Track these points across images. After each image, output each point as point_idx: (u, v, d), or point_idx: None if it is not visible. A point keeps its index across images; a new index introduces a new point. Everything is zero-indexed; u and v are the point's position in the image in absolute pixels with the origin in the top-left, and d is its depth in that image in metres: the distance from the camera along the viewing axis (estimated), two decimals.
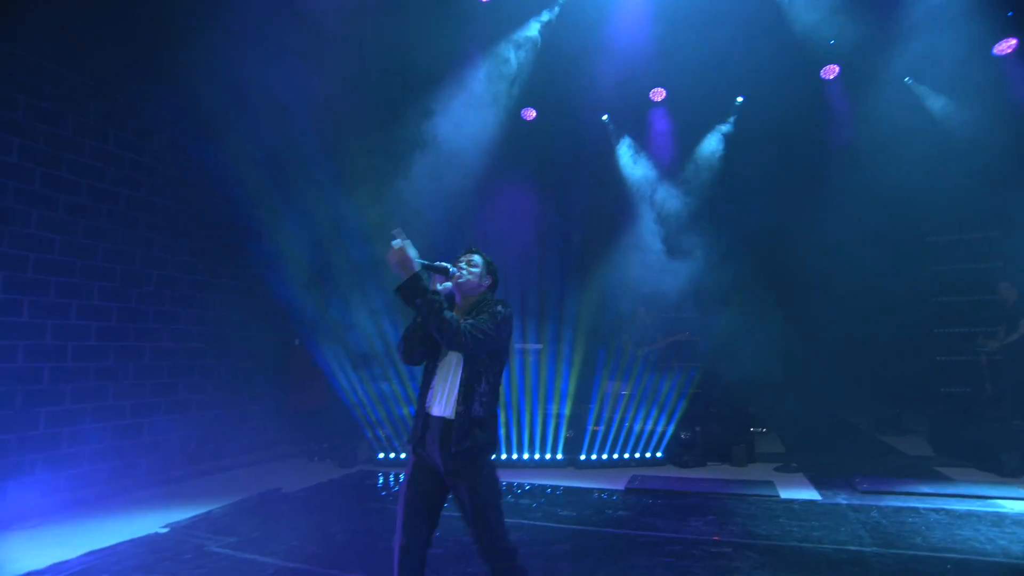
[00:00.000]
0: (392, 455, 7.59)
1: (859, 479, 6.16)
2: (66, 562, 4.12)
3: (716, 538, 4.56)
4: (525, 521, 5.21)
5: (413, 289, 2.57)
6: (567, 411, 7.93)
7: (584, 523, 5.14)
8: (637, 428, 7.76)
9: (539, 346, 8.72)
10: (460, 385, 2.65)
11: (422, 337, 2.73)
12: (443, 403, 2.68)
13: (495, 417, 2.75)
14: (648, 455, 7.61)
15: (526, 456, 7.65)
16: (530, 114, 9.26)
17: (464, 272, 2.82)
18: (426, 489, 2.70)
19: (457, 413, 2.62)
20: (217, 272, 7.67)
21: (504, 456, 7.61)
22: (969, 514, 5.09)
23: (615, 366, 8.29)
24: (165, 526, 4.87)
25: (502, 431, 7.68)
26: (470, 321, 2.62)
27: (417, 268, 2.61)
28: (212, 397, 7.56)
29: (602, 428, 7.75)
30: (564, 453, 7.66)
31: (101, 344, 6.21)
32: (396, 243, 2.60)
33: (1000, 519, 4.96)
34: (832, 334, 9.78)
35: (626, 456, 7.60)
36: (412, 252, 2.61)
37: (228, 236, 7.60)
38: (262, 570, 4.02)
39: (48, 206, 5.76)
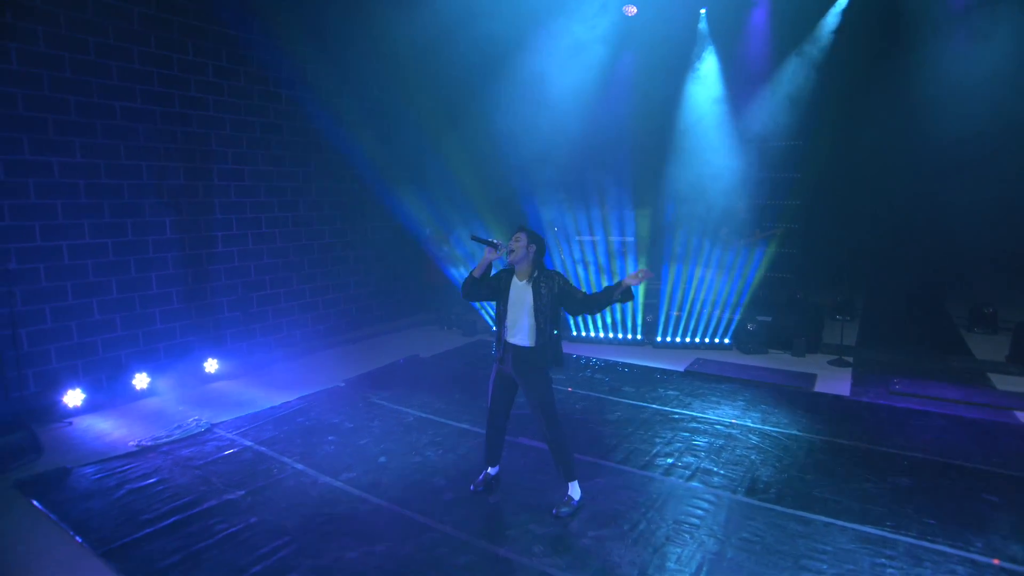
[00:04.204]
0: None
1: (897, 380, 6.85)
2: (290, 402, 6.47)
3: (733, 421, 5.85)
4: (593, 393, 6.78)
5: (625, 294, 4.00)
6: (640, 290, 9.08)
7: (638, 399, 6.57)
8: (706, 313, 8.81)
9: (632, 239, 9.75)
10: (535, 327, 4.08)
11: (476, 284, 4.16)
12: (518, 337, 4.14)
13: (552, 346, 4.17)
14: (717, 340, 8.75)
15: (611, 335, 9.14)
16: (631, 10, 9.33)
17: (512, 247, 4.12)
18: (505, 385, 4.33)
19: (530, 346, 4.10)
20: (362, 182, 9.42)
21: (593, 334, 9.18)
22: (974, 423, 5.70)
23: (707, 256, 9.12)
24: (343, 381, 7.13)
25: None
26: (586, 295, 4.10)
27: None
28: (366, 278, 9.76)
29: (675, 313, 8.91)
30: (643, 334, 9.03)
31: (284, 246, 8.37)
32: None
33: (1000, 429, 5.54)
34: (937, 215, 9.59)
35: (697, 340, 8.80)
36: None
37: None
38: (406, 417, 6.05)
39: (235, 144, 7.64)
